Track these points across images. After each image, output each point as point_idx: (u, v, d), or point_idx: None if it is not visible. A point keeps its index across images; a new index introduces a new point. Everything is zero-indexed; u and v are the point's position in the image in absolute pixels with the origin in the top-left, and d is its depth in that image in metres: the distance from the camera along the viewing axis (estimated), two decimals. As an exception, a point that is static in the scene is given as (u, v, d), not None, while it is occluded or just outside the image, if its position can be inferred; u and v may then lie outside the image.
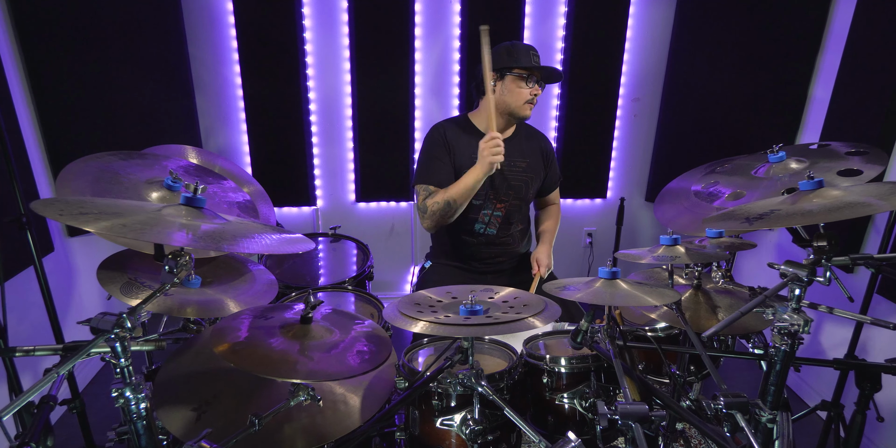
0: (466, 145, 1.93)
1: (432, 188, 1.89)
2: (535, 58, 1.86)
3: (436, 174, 1.90)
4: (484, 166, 1.74)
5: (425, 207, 1.87)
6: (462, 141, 1.94)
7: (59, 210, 0.85)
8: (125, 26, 2.33)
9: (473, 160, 1.91)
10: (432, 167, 1.91)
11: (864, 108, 2.08)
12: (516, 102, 1.88)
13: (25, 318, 1.97)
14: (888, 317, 1.99)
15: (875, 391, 1.23)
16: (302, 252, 2.39)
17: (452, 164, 1.93)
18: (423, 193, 1.90)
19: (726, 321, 1.02)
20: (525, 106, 1.89)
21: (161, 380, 1.29)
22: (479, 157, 1.76)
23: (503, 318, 1.02)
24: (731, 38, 2.59)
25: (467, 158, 1.92)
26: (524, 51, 1.86)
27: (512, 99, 1.87)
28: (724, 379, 2.40)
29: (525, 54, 1.85)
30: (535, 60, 1.86)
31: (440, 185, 1.88)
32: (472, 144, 1.93)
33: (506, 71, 1.85)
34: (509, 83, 1.86)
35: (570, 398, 1.28)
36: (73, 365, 0.87)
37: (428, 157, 1.94)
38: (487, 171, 1.75)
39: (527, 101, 1.87)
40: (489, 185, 1.95)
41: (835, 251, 1.07)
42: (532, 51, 1.87)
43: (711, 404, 1.01)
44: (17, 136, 2.03)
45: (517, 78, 1.85)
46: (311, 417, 1.24)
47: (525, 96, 1.86)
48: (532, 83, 1.86)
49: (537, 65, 1.85)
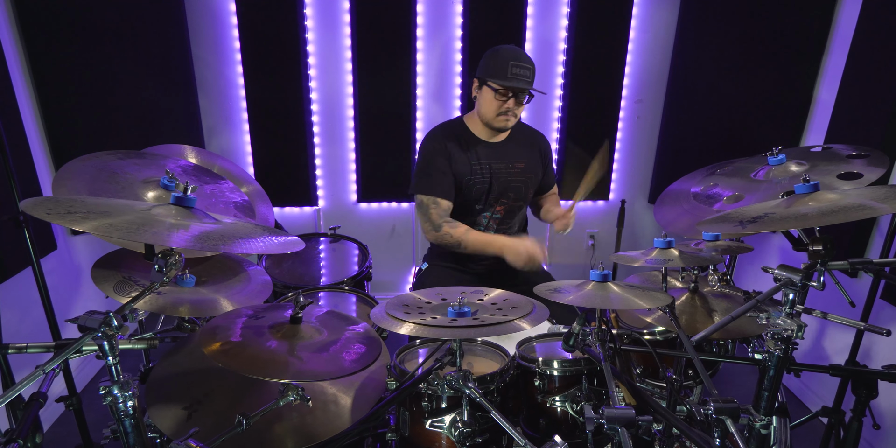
0: (462, 154, 1.93)
1: (441, 201, 1.88)
2: (515, 68, 1.76)
3: (441, 188, 1.89)
4: (514, 259, 1.78)
5: (440, 227, 1.88)
6: (458, 150, 1.93)
7: (47, 209, 0.85)
8: (129, 26, 2.35)
9: (471, 168, 1.92)
10: (437, 180, 1.89)
11: (869, 111, 2.05)
12: (490, 114, 1.85)
13: (28, 316, 1.99)
14: (891, 322, 1.96)
15: (871, 398, 1.21)
16: (298, 252, 2.40)
17: (452, 174, 1.92)
18: (433, 207, 1.88)
19: (717, 325, 1.00)
20: (499, 118, 1.84)
21: (154, 378, 1.30)
22: (515, 251, 1.77)
23: (490, 321, 1.01)
24: (734, 39, 2.57)
25: (465, 167, 1.92)
26: (504, 61, 1.77)
27: (486, 109, 1.85)
28: (726, 383, 2.39)
29: (502, 67, 1.76)
30: (516, 72, 1.76)
31: (447, 198, 1.89)
32: (468, 152, 1.93)
33: (483, 81, 1.83)
34: (485, 93, 1.83)
35: (562, 401, 1.27)
36: (59, 362, 0.87)
37: (430, 167, 1.90)
38: (511, 263, 1.79)
39: (500, 112, 1.83)
40: (489, 190, 1.95)
41: (831, 255, 1.06)
42: (515, 61, 1.77)
43: (702, 410, 1.00)
44: (20, 134, 2.05)
45: (492, 90, 1.80)
46: (302, 417, 1.24)
47: (498, 109, 1.82)
48: (505, 97, 1.80)
49: (514, 81, 1.76)
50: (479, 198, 1.96)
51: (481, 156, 1.94)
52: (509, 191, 1.98)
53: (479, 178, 1.94)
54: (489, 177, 1.94)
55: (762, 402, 1.10)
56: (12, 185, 1.42)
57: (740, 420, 1.00)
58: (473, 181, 1.93)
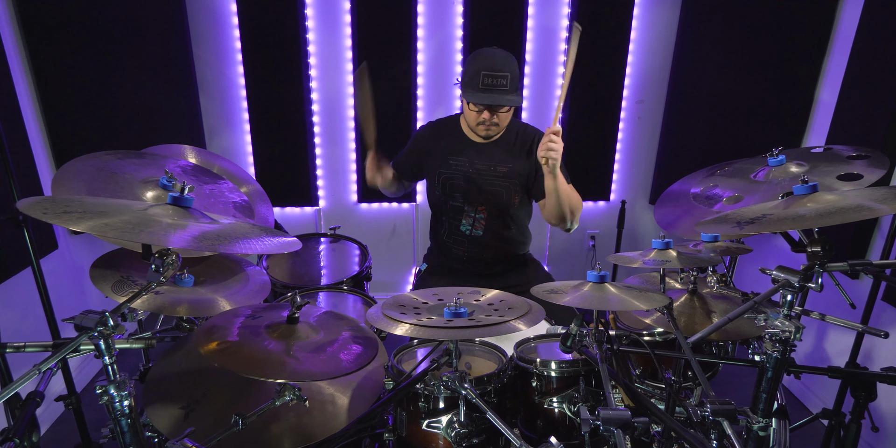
0: (443, 150, 1.94)
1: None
2: (487, 78, 1.66)
3: (398, 158, 2.07)
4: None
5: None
6: (440, 145, 1.94)
7: (43, 209, 0.86)
8: (130, 26, 2.36)
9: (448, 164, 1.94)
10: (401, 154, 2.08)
11: (871, 112, 2.04)
12: (470, 122, 1.82)
13: (29, 315, 1.99)
14: (893, 324, 1.95)
15: (870, 400, 1.21)
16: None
17: (420, 164, 2.01)
18: None
19: (712, 327, 1.00)
20: (479, 128, 1.80)
21: (152, 378, 1.30)
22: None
23: (486, 321, 1.01)
24: (736, 39, 2.56)
25: (441, 162, 1.94)
26: (475, 72, 1.66)
27: (467, 117, 1.84)
28: (727, 384, 2.38)
29: (473, 78, 1.66)
30: (489, 82, 1.66)
31: (396, 167, 2.03)
32: (450, 149, 1.94)
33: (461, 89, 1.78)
34: (464, 100, 1.79)
35: (560, 402, 1.27)
36: (55, 361, 0.88)
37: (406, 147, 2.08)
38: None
39: (479, 122, 1.77)
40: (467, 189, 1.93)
41: (829, 257, 1.05)
42: (488, 70, 1.65)
43: (698, 411, 0.99)
44: (21, 134, 2.06)
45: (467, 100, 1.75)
46: (299, 417, 1.24)
47: (475, 119, 1.77)
48: (480, 109, 1.73)
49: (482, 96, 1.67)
50: (452, 194, 1.97)
51: (465, 154, 1.93)
52: (489, 194, 1.95)
53: (453, 173, 1.94)
54: (469, 176, 1.92)
55: (760, 403, 1.10)
56: (11, 184, 1.43)
57: (739, 422, 1.00)
58: (445, 176, 1.95)
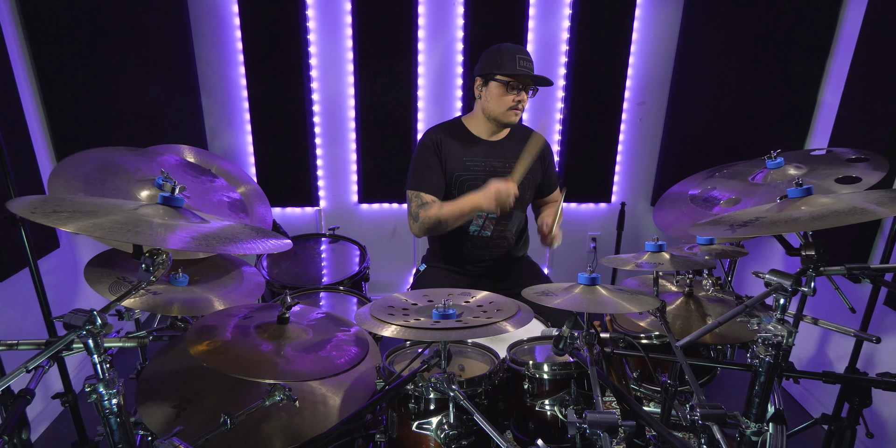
0: (458, 151, 1.93)
1: (424, 196, 1.88)
2: (522, 61, 1.80)
3: (426, 182, 1.90)
4: (488, 204, 1.70)
5: (417, 216, 1.87)
6: (454, 147, 1.93)
7: (32, 208, 0.86)
8: (132, 27, 2.38)
9: (465, 165, 1.91)
10: (423, 175, 1.91)
11: (874, 114, 2.02)
12: (499, 109, 1.85)
13: (29, 314, 2.01)
14: (894, 329, 1.92)
15: (864, 406, 1.19)
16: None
17: (443, 171, 1.92)
18: (415, 201, 1.90)
19: (703, 330, 0.99)
20: (509, 113, 1.85)
21: (145, 377, 1.31)
22: (485, 195, 1.69)
23: (473, 323, 1.01)
24: (738, 41, 2.54)
25: (458, 164, 1.92)
26: (509, 55, 1.79)
27: (495, 106, 1.85)
28: (725, 388, 2.37)
29: (510, 59, 1.79)
30: (523, 65, 1.80)
31: (431, 192, 1.88)
32: (463, 150, 1.92)
33: (489, 77, 1.83)
34: (493, 89, 1.83)
35: (552, 405, 1.26)
36: (44, 359, 0.88)
37: (420, 163, 1.93)
38: (488, 210, 1.73)
39: (510, 107, 1.84)
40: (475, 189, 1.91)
41: (824, 260, 1.04)
42: (520, 54, 1.80)
43: (688, 415, 0.98)
44: (23, 134, 2.08)
45: (500, 84, 1.81)
46: (291, 417, 1.24)
47: (508, 103, 1.83)
48: (516, 90, 1.81)
49: (523, 72, 1.79)
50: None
51: (478, 154, 1.94)
52: None
53: (472, 175, 1.93)
54: (485, 174, 1.92)
55: (753, 408, 1.08)
56: (9, 184, 1.44)
57: (729, 426, 0.99)
58: (465, 178, 1.93)
